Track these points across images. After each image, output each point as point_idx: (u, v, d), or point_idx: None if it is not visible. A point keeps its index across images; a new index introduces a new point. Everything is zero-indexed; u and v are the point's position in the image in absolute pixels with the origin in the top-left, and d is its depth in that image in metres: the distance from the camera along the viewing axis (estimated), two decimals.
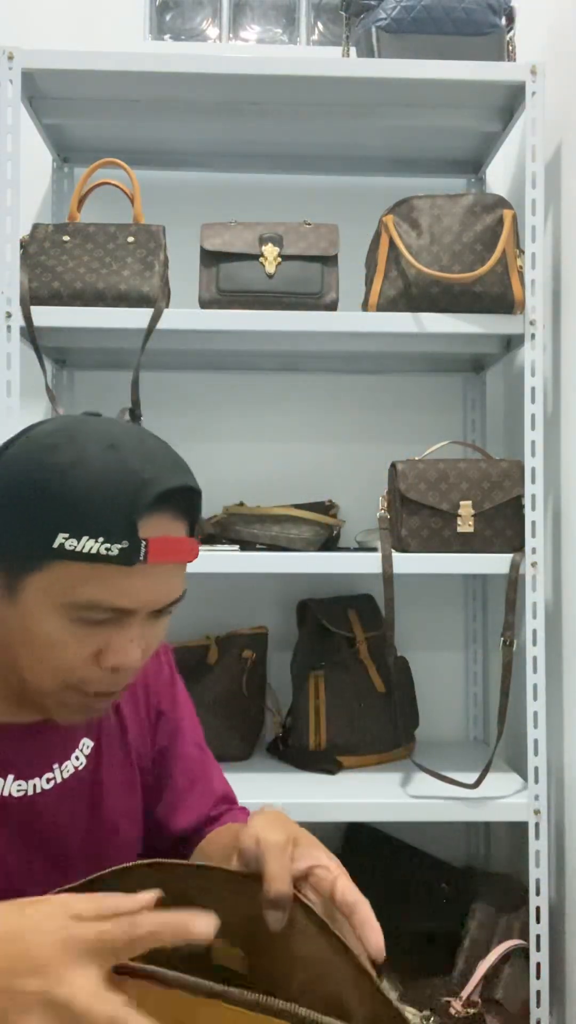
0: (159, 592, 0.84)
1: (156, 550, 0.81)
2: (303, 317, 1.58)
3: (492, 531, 1.58)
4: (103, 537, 0.78)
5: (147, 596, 0.83)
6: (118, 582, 0.80)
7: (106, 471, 0.80)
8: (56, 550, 0.79)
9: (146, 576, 0.81)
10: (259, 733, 1.83)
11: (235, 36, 2.04)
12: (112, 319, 1.56)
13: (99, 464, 0.80)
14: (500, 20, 1.64)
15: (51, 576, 0.80)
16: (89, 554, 0.78)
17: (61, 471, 0.80)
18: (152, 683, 1.08)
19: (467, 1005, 1.49)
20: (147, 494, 0.80)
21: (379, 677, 1.77)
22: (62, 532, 0.79)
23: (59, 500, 0.79)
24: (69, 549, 0.78)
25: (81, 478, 0.79)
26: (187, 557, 0.85)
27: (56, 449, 0.81)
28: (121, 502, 0.79)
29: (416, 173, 1.98)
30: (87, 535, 0.78)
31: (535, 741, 1.54)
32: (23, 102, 1.64)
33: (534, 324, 1.57)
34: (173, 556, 0.83)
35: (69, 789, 0.96)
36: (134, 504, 0.79)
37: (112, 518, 0.79)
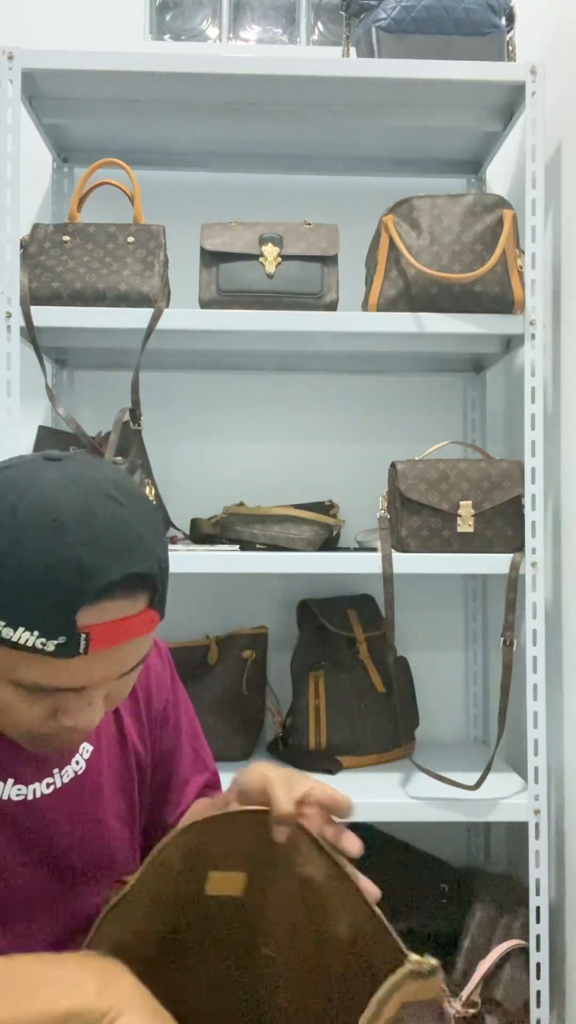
0: (110, 668, 0.79)
1: (99, 638, 0.75)
2: (303, 317, 1.58)
3: (492, 531, 1.58)
4: (38, 631, 0.73)
5: (97, 675, 0.78)
6: (60, 669, 0.76)
7: (45, 557, 0.73)
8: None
9: (93, 661, 0.77)
10: (259, 733, 1.83)
11: (235, 36, 2.04)
12: (112, 319, 1.56)
13: (38, 547, 0.73)
14: (500, 20, 1.64)
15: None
16: (25, 646, 0.74)
17: (14, 551, 0.74)
18: (154, 686, 1.08)
19: (467, 1005, 1.49)
20: (88, 587, 0.74)
21: (379, 677, 1.77)
22: (1, 620, 0.74)
23: (10, 582, 0.73)
24: (6, 637, 0.74)
25: (17, 564, 0.73)
26: (140, 632, 0.78)
27: (22, 528, 0.75)
28: (58, 596, 0.73)
29: (416, 173, 1.98)
30: (22, 626, 0.73)
31: (535, 741, 1.54)
32: (23, 102, 1.64)
33: (534, 324, 1.57)
34: (121, 639, 0.77)
35: (69, 793, 0.96)
36: (72, 599, 0.73)
37: (47, 613, 0.73)
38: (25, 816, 0.93)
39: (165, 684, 1.10)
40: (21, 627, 0.73)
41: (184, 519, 1.82)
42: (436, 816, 1.53)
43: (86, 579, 0.74)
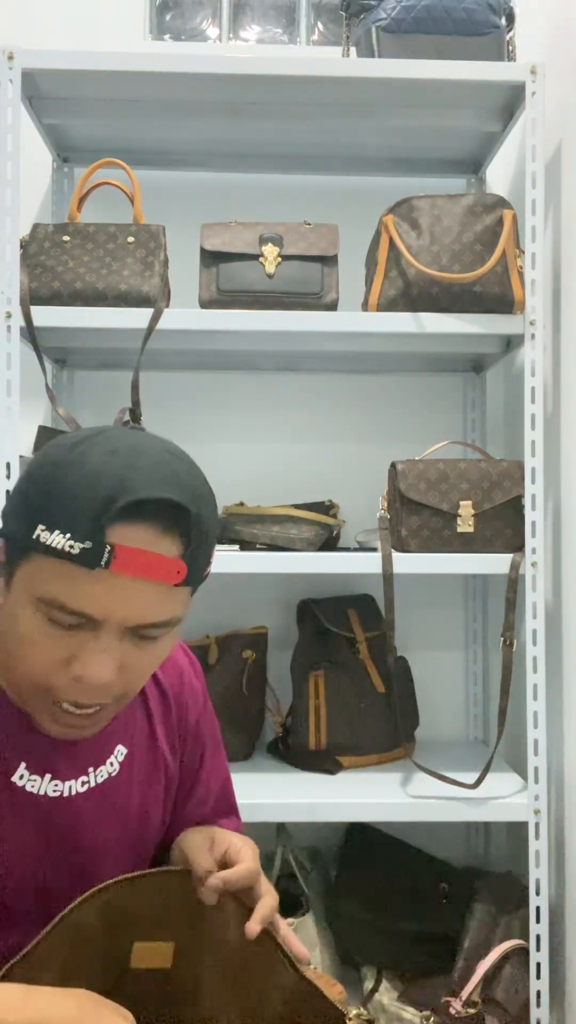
0: (129, 607, 0.80)
1: (123, 559, 0.78)
2: (303, 317, 1.58)
3: (492, 531, 1.58)
4: (70, 533, 0.77)
5: (112, 607, 0.80)
6: (81, 585, 0.78)
7: (93, 472, 0.79)
8: (34, 541, 0.79)
9: (113, 586, 0.79)
10: (259, 733, 1.83)
11: (235, 36, 2.05)
12: (112, 319, 1.56)
13: (90, 466, 0.79)
14: (500, 20, 1.64)
15: (31, 567, 0.81)
16: (55, 548, 0.78)
17: (57, 466, 0.80)
18: (187, 699, 1.08)
19: (467, 1005, 1.49)
20: (120, 499, 0.78)
21: (379, 677, 1.77)
22: (40, 523, 0.79)
23: (43, 493, 0.79)
24: (42, 542, 0.78)
25: (69, 475, 0.79)
26: (163, 577, 0.80)
27: (65, 447, 0.82)
28: (93, 503, 0.78)
29: (416, 173, 1.98)
30: (57, 529, 0.78)
31: (535, 741, 1.54)
32: (23, 102, 1.64)
33: (534, 324, 1.57)
34: (143, 571, 0.78)
35: (102, 793, 0.97)
36: (105, 507, 0.77)
37: (81, 517, 0.77)
38: (58, 813, 0.93)
39: (198, 698, 1.10)
40: (56, 529, 0.77)
41: None
42: (436, 816, 1.53)
43: (122, 492, 0.78)
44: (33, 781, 0.91)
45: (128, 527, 0.78)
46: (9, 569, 0.83)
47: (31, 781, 0.91)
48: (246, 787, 1.59)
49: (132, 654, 0.84)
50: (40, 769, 0.92)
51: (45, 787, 0.92)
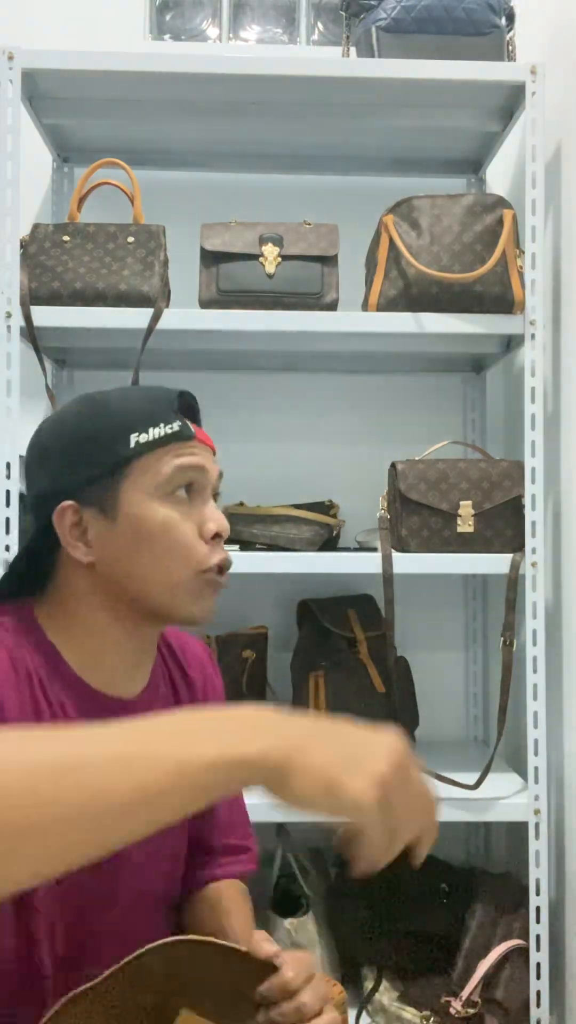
0: (210, 463, 1.00)
1: (197, 433, 1.00)
2: (303, 317, 1.58)
3: (492, 531, 1.58)
4: (163, 423, 0.97)
5: (207, 463, 0.99)
6: (185, 451, 0.97)
7: (135, 392, 1.00)
8: (135, 448, 0.95)
9: (198, 450, 0.99)
10: None
11: (235, 36, 2.04)
12: (112, 319, 1.56)
13: (127, 392, 1.00)
14: (500, 20, 1.64)
15: (138, 472, 0.95)
16: (160, 438, 0.96)
17: (103, 404, 0.98)
18: (210, 692, 1.14)
19: (467, 1005, 1.49)
20: (172, 394, 1.00)
21: (379, 677, 1.77)
22: (133, 433, 0.95)
23: (119, 416, 0.96)
24: (144, 442, 0.95)
25: (123, 400, 0.98)
26: (211, 442, 1.04)
27: (85, 400, 0.99)
28: (161, 403, 0.99)
29: (416, 173, 1.98)
30: (151, 426, 0.96)
31: (535, 741, 1.54)
32: (23, 102, 1.64)
33: (534, 324, 1.57)
34: (206, 438, 1.02)
35: None
36: (170, 402, 0.99)
37: (162, 411, 0.98)
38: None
39: (219, 695, 1.16)
40: (151, 427, 0.96)
41: None
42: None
43: (169, 392, 1.00)
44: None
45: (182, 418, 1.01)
46: (106, 504, 0.95)
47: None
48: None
49: (216, 509, 1.01)
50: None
51: None
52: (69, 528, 0.95)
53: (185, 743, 0.62)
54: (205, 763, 0.61)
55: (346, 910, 1.66)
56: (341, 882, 1.73)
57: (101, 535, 0.95)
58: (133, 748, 0.61)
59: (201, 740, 0.62)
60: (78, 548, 0.95)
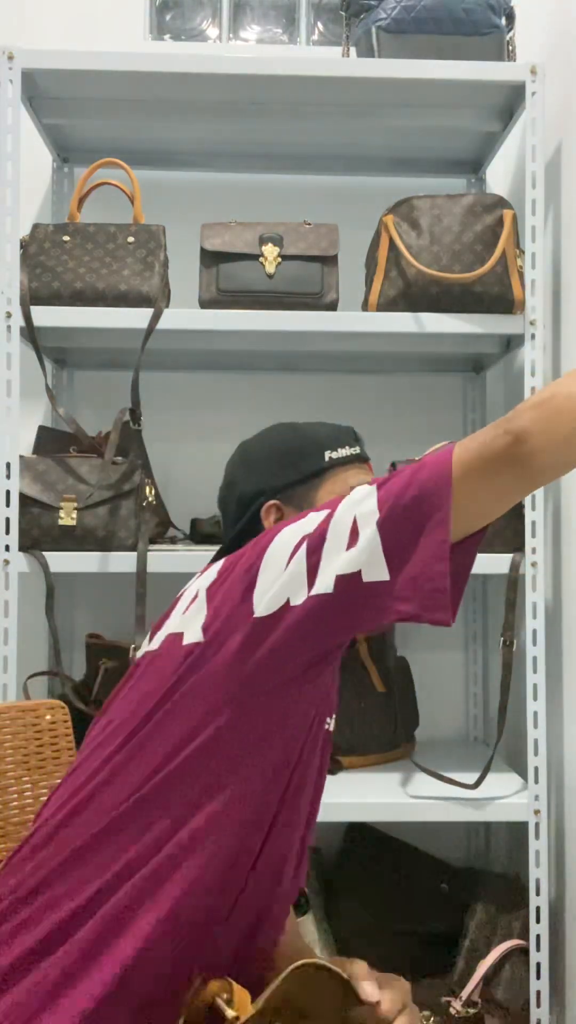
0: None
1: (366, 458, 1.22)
2: (303, 317, 1.58)
3: (492, 531, 1.58)
4: (348, 445, 1.20)
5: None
6: (363, 471, 1.20)
7: (321, 426, 1.22)
8: (328, 462, 1.17)
9: (367, 469, 1.21)
10: None
11: (235, 36, 2.05)
12: (112, 319, 1.56)
13: (310, 422, 1.24)
14: (500, 20, 1.64)
15: (330, 480, 1.17)
16: (348, 456, 1.19)
17: (297, 428, 1.22)
18: None
19: (467, 1005, 1.49)
20: (349, 428, 1.23)
21: (379, 677, 1.77)
22: (327, 450, 1.18)
23: (315, 436, 1.19)
24: (336, 458, 1.18)
25: (312, 427, 1.21)
26: (370, 467, 1.24)
27: (282, 426, 1.23)
28: (343, 432, 1.22)
29: (416, 173, 1.98)
30: (341, 447, 1.19)
31: (535, 741, 1.54)
32: (23, 102, 1.64)
33: (534, 324, 1.57)
34: (368, 461, 1.23)
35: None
36: (350, 432, 1.22)
37: (346, 437, 1.21)
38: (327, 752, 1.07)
39: None
40: (341, 447, 1.19)
41: (184, 519, 1.82)
42: (436, 816, 1.53)
43: (347, 426, 1.24)
44: (329, 724, 1.05)
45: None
46: (303, 503, 1.15)
47: (329, 723, 1.06)
48: None
49: None
50: (331, 711, 1.06)
51: (331, 726, 1.07)
52: (274, 522, 1.14)
53: None
54: None
55: (346, 910, 1.66)
56: (341, 882, 1.73)
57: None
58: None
59: None
60: None
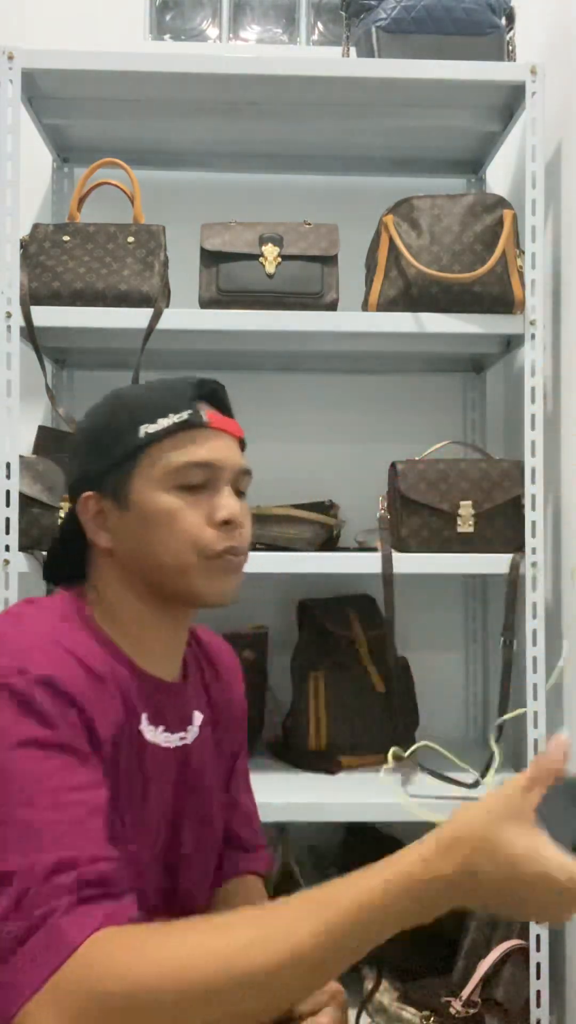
0: (231, 455, 1.00)
1: (214, 420, 0.99)
2: (303, 317, 1.58)
3: (492, 531, 1.58)
4: (172, 412, 0.97)
5: (223, 455, 0.99)
6: (197, 443, 0.98)
7: (153, 385, 1.02)
8: (143, 439, 0.97)
9: (215, 439, 0.99)
10: (259, 733, 1.83)
11: (235, 36, 2.05)
12: (112, 319, 1.56)
13: (145, 385, 1.03)
14: (500, 20, 1.64)
15: (147, 463, 0.97)
16: (168, 428, 0.97)
17: (119, 397, 1.01)
18: (236, 687, 1.17)
19: (467, 1005, 1.49)
20: (188, 383, 1.00)
21: (379, 677, 1.77)
22: (141, 424, 0.97)
23: (130, 408, 0.99)
24: (152, 432, 0.97)
25: (137, 392, 1.01)
26: (238, 432, 1.03)
27: (108, 396, 1.02)
28: (178, 391, 1.00)
29: (416, 173, 1.98)
30: (160, 416, 0.97)
31: (535, 741, 1.54)
32: (23, 102, 1.64)
33: (534, 324, 1.57)
34: (228, 426, 1.01)
35: (191, 751, 1.03)
36: (184, 390, 1.00)
37: (173, 400, 0.99)
38: (174, 760, 1.00)
39: (241, 698, 1.18)
40: (159, 417, 0.97)
41: None
42: (436, 816, 1.53)
43: (187, 380, 1.01)
44: (151, 731, 0.98)
45: (200, 405, 1.00)
46: (119, 493, 0.98)
47: (149, 730, 0.98)
48: None
49: (240, 506, 1.00)
50: (156, 720, 0.98)
51: (158, 737, 0.98)
52: (92, 516, 0.99)
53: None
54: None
55: None
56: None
57: (116, 523, 0.98)
58: (319, 954, 0.74)
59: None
60: (99, 535, 0.99)
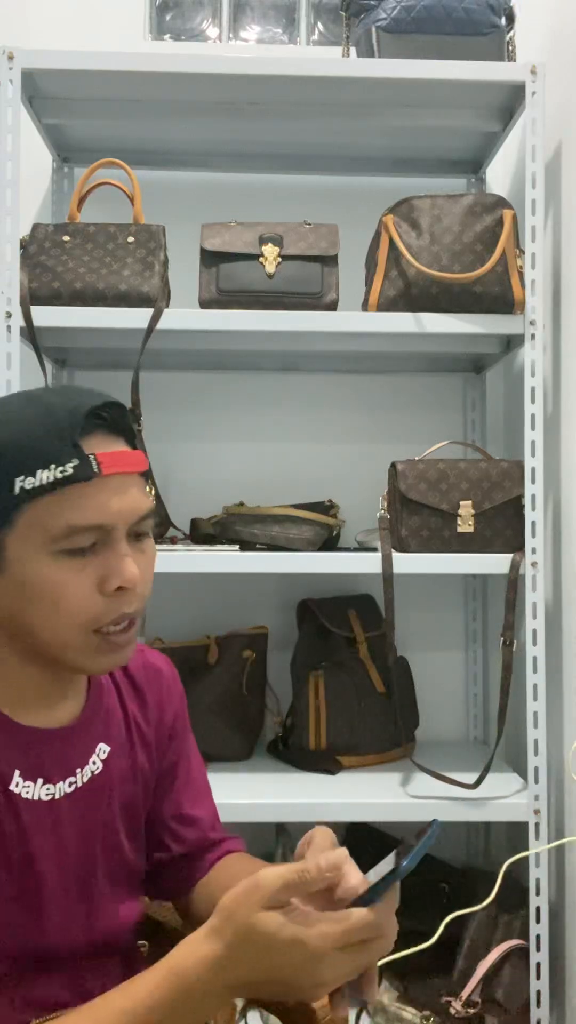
0: (126, 503, 0.86)
1: (107, 462, 0.84)
2: (303, 317, 1.58)
3: (492, 531, 1.58)
4: (54, 464, 0.82)
5: (117, 507, 0.85)
6: (84, 501, 0.83)
7: (33, 415, 0.84)
8: (19, 495, 0.82)
9: (107, 490, 0.85)
10: (259, 733, 1.83)
11: (235, 36, 2.05)
12: (112, 319, 1.56)
13: (25, 414, 0.85)
14: (500, 20, 1.64)
15: (24, 523, 0.83)
16: (49, 483, 0.82)
17: (3, 425, 0.84)
18: (165, 702, 1.08)
19: (467, 1005, 1.49)
20: (77, 416, 0.84)
21: (379, 677, 1.77)
22: (17, 477, 0.82)
23: (7, 451, 0.83)
24: (29, 488, 0.82)
25: (14, 428, 0.84)
26: (137, 466, 0.88)
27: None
28: (58, 430, 0.83)
29: (416, 173, 1.98)
30: (40, 468, 0.82)
31: (535, 741, 1.54)
32: (23, 102, 1.64)
33: (534, 324, 1.57)
34: (124, 466, 0.86)
35: (87, 793, 0.97)
36: (69, 428, 0.83)
37: (56, 446, 0.83)
38: (53, 815, 0.93)
39: (176, 698, 1.11)
40: (38, 469, 0.82)
41: (184, 519, 1.82)
42: (436, 816, 1.53)
43: (74, 412, 0.84)
44: (27, 788, 0.91)
45: (90, 439, 0.85)
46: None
47: (25, 788, 0.91)
48: (246, 787, 1.59)
49: (137, 558, 0.89)
50: (32, 775, 0.92)
51: (38, 792, 0.92)
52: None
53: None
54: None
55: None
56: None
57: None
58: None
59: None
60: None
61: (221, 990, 0.76)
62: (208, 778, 1.14)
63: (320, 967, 0.73)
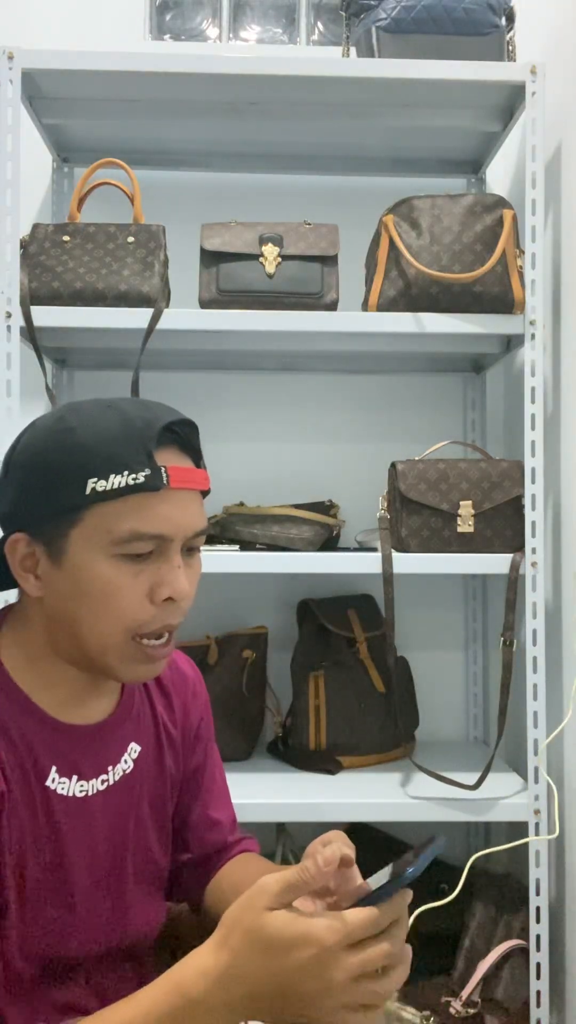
0: (187, 517, 0.90)
1: (175, 476, 0.88)
2: (303, 317, 1.58)
3: (492, 531, 1.58)
4: (127, 471, 0.86)
5: (178, 520, 0.89)
6: (150, 510, 0.87)
7: (112, 421, 0.88)
8: (90, 495, 0.86)
9: (172, 502, 0.88)
10: (259, 733, 1.83)
11: (235, 36, 2.04)
12: (112, 319, 1.56)
13: (105, 419, 0.88)
14: (500, 20, 1.64)
15: (91, 522, 0.87)
16: (120, 488, 0.85)
17: (72, 431, 0.87)
18: (190, 705, 1.11)
19: (467, 1005, 1.49)
20: (153, 428, 0.88)
21: (379, 677, 1.77)
22: (91, 478, 0.86)
23: (80, 453, 0.86)
24: (101, 490, 0.85)
25: (93, 431, 0.87)
26: (203, 485, 0.93)
27: (61, 419, 0.89)
28: (135, 440, 0.87)
29: (416, 173, 1.98)
30: (113, 473, 0.85)
31: (535, 741, 1.54)
32: (23, 102, 1.64)
33: (534, 324, 1.57)
34: (191, 483, 0.90)
35: (119, 791, 0.99)
36: (145, 438, 0.87)
37: (131, 453, 0.86)
38: (86, 812, 0.95)
39: (202, 705, 1.14)
40: (112, 474, 0.85)
41: None
42: (436, 816, 1.53)
43: (151, 424, 0.88)
44: (63, 784, 0.93)
45: (162, 452, 0.89)
46: (54, 545, 0.88)
47: (61, 784, 0.93)
48: (246, 787, 1.59)
49: (187, 572, 0.92)
50: (68, 771, 0.94)
51: (73, 788, 0.94)
52: (20, 559, 0.90)
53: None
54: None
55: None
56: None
57: (47, 575, 0.89)
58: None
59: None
60: (28, 580, 0.90)
61: (224, 1007, 0.75)
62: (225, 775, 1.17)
63: (329, 968, 0.72)
